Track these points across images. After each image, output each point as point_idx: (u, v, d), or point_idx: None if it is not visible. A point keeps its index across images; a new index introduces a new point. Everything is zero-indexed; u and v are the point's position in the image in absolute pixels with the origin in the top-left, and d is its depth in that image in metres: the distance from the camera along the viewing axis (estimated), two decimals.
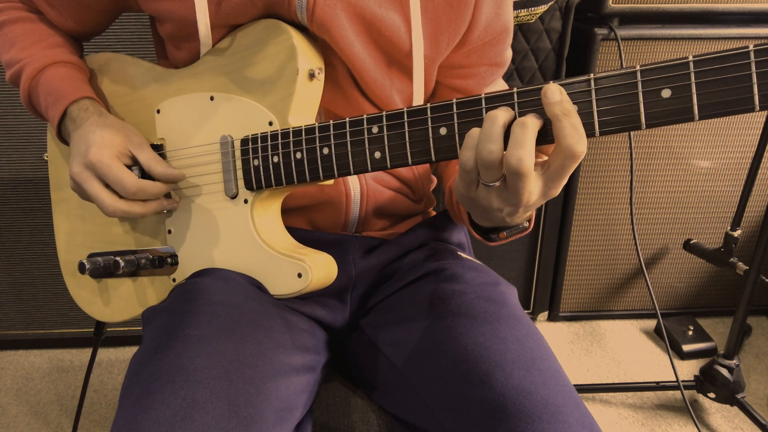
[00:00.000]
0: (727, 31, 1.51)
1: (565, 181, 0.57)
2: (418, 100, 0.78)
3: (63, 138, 0.79)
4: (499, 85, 0.85)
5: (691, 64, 0.50)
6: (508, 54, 0.82)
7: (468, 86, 0.81)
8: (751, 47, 0.48)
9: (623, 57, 1.50)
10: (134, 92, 0.81)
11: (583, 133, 0.53)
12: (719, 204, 1.70)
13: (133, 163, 0.74)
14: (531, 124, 0.54)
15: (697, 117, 0.50)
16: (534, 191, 0.56)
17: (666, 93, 0.51)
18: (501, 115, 0.55)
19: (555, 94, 0.53)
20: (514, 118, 0.56)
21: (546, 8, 1.43)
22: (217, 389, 0.58)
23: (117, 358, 1.71)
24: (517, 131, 0.54)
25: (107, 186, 0.72)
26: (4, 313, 1.67)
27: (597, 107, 0.54)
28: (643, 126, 0.52)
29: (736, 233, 1.42)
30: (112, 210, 0.71)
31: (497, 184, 0.57)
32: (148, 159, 0.73)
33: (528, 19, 1.44)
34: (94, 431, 1.48)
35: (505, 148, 0.55)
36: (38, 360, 1.71)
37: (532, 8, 1.42)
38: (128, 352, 1.74)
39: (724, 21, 1.54)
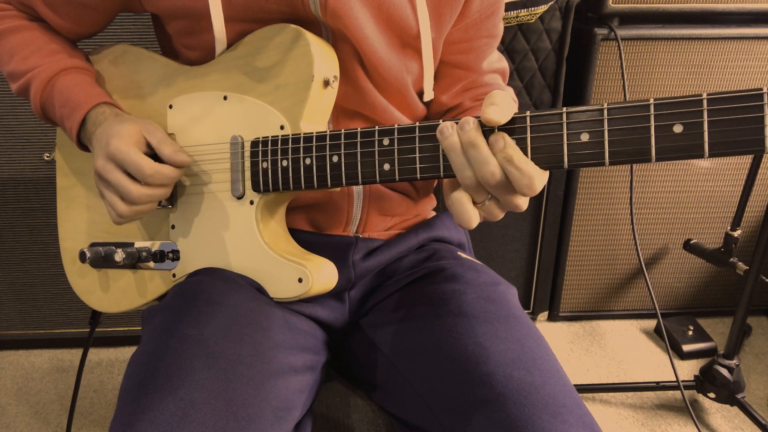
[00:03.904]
0: (727, 31, 1.51)
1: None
2: (429, 78, 0.79)
3: (84, 144, 0.79)
4: (496, 57, 0.86)
5: (705, 102, 0.50)
6: (501, 26, 0.84)
7: (468, 60, 0.82)
8: (765, 89, 0.48)
9: (623, 57, 1.50)
10: (148, 86, 0.81)
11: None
12: (719, 204, 1.70)
13: (151, 150, 0.74)
14: (478, 141, 0.56)
15: (707, 154, 0.50)
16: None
17: (678, 128, 0.51)
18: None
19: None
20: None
21: (546, 8, 1.43)
22: (215, 389, 0.58)
23: (117, 358, 1.71)
24: (472, 153, 0.57)
25: (129, 176, 0.72)
26: (4, 313, 1.67)
27: (608, 137, 0.54)
28: (653, 159, 0.52)
29: (736, 233, 1.42)
30: (137, 195, 0.71)
31: (486, 202, 0.60)
32: (159, 141, 0.73)
33: (528, 19, 1.44)
34: (93, 431, 1.48)
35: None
36: (38, 360, 1.71)
37: (532, 8, 1.42)
38: (128, 352, 1.74)
39: (724, 21, 1.54)
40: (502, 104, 0.56)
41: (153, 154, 0.73)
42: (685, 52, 1.53)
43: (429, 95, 0.81)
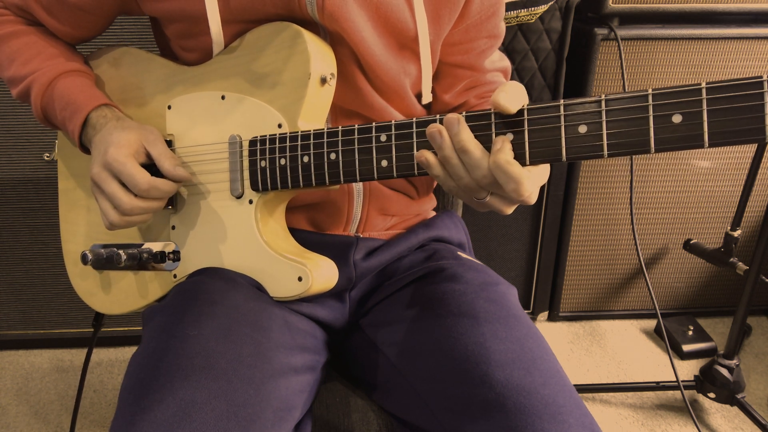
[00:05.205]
0: (727, 31, 1.51)
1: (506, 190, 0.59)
2: (427, 81, 0.79)
3: (85, 147, 0.79)
4: (497, 56, 0.86)
5: (704, 91, 0.49)
6: (503, 26, 0.84)
7: (470, 60, 0.82)
8: (765, 77, 0.48)
9: (623, 57, 1.50)
10: (147, 87, 0.81)
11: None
12: (719, 204, 1.70)
13: (150, 160, 0.74)
14: (468, 146, 0.57)
15: (707, 144, 0.50)
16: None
17: (677, 118, 0.51)
18: (432, 157, 0.60)
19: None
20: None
21: (546, 8, 1.43)
22: (216, 389, 0.58)
23: (117, 358, 1.71)
24: (464, 158, 0.58)
25: (124, 186, 0.71)
26: (4, 313, 1.67)
27: (607, 129, 0.53)
28: (652, 150, 0.52)
29: (736, 233, 1.42)
30: (129, 207, 0.71)
31: (486, 198, 0.61)
32: (159, 154, 0.73)
33: (528, 19, 1.44)
34: (93, 431, 1.48)
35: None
36: (38, 360, 1.71)
37: (532, 8, 1.42)
38: (128, 352, 1.74)
39: (724, 21, 1.54)
40: (515, 92, 0.56)
41: (151, 164, 0.73)
42: (685, 52, 1.53)
43: (427, 98, 0.81)
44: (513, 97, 0.55)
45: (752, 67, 1.56)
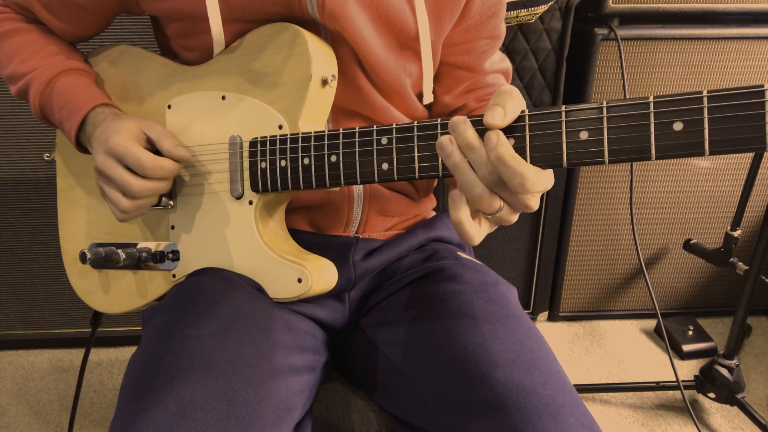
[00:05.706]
0: (727, 31, 1.51)
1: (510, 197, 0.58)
2: (428, 80, 0.79)
3: (83, 146, 0.79)
4: (498, 57, 0.86)
5: (705, 99, 0.50)
6: (503, 27, 0.84)
7: (470, 61, 0.82)
8: (766, 86, 0.48)
9: (623, 57, 1.50)
10: (147, 86, 0.81)
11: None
12: (719, 204, 1.70)
13: (151, 145, 0.74)
14: (474, 143, 0.56)
15: (707, 152, 0.50)
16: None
17: (678, 126, 0.51)
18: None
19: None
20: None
21: (546, 8, 1.44)
22: (216, 389, 0.58)
23: (117, 358, 1.71)
24: (470, 155, 0.56)
25: (130, 171, 0.72)
26: (4, 313, 1.67)
27: (608, 135, 0.53)
28: (653, 157, 0.52)
29: (736, 233, 1.42)
30: (139, 189, 0.71)
31: (499, 213, 0.58)
32: (158, 134, 0.73)
33: (528, 19, 1.44)
34: (93, 431, 1.48)
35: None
36: (38, 360, 1.71)
37: (532, 8, 1.42)
38: (128, 352, 1.74)
39: (724, 21, 1.54)
40: (507, 104, 0.55)
41: (154, 150, 0.73)
42: (685, 52, 1.53)
43: (428, 98, 0.80)
44: (507, 114, 0.55)
45: (752, 67, 1.56)
